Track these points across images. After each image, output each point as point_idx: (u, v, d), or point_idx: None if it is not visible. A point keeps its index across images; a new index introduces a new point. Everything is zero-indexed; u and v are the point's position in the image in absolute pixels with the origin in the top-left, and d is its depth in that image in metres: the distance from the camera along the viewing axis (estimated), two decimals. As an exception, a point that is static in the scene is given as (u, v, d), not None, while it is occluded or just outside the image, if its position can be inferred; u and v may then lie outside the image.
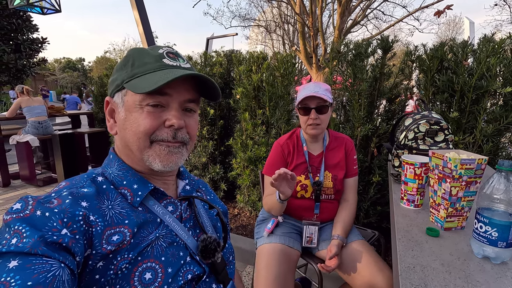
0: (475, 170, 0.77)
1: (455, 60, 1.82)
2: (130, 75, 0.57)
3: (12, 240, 0.41)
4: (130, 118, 0.57)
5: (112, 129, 0.62)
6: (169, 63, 0.58)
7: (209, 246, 0.61)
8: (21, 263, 0.38)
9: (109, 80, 0.62)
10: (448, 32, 23.78)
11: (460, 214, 0.82)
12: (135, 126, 0.56)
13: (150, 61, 0.57)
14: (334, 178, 1.34)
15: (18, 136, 3.93)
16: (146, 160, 0.58)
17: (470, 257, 0.70)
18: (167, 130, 0.57)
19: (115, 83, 0.59)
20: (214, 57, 3.01)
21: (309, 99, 1.26)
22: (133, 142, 0.57)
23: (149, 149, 0.57)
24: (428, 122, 1.29)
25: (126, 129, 0.58)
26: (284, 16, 13.86)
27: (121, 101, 0.59)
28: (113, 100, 0.61)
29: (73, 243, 0.44)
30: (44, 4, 4.19)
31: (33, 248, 0.40)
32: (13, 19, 10.39)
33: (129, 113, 0.57)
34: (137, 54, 0.59)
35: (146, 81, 0.54)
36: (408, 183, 1.00)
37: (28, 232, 0.41)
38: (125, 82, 0.57)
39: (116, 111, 0.60)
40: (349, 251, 1.22)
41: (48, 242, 0.42)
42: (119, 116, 0.59)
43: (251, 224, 2.55)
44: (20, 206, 0.45)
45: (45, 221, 0.44)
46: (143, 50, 0.59)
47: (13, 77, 11.09)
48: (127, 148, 0.60)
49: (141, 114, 0.56)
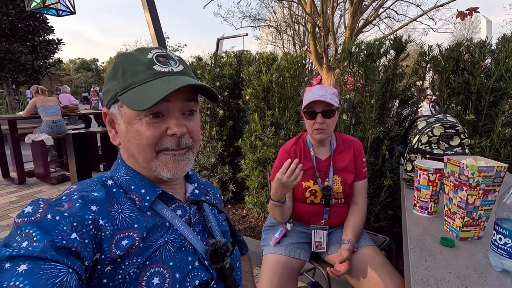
0: (493, 178, 0.73)
1: (471, 60, 1.75)
2: (123, 86, 0.54)
3: (23, 244, 0.41)
4: (131, 130, 0.55)
5: (114, 140, 0.61)
6: (161, 69, 0.55)
7: (219, 250, 0.61)
8: (30, 267, 0.39)
9: (103, 89, 0.60)
10: (464, 32, 23.15)
11: (477, 224, 0.78)
12: (138, 139, 0.55)
13: (141, 69, 0.54)
14: (344, 182, 1.31)
15: (33, 135, 4.04)
16: (154, 170, 0.57)
17: (488, 270, 0.66)
18: (170, 139, 0.56)
19: (109, 95, 0.57)
20: (224, 58, 3.01)
21: (315, 103, 1.23)
22: (138, 154, 0.57)
23: (156, 160, 0.57)
24: (443, 126, 1.24)
25: (130, 141, 0.57)
26: (295, 16, 13.78)
27: (118, 113, 0.57)
28: (110, 111, 0.59)
29: (82, 247, 0.45)
30: (59, 6, 4.29)
31: (42, 252, 0.40)
32: (30, 21, 10.70)
33: (129, 125, 0.56)
34: (126, 62, 0.56)
35: (141, 94, 0.52)
36: (421, 190, 0.96)
37: (39, 236, 0.42)
38: (119, 94, 0.55)
39: (116, 122, 0.59)
40: (359, 257, 1.19)
41: (57, 246, 0.42)
42: (120, 128, 0.58)
43: (259, 226, 2.54)
44: (31, 209, 0.46)
45: (55, 225, 0.44)
46: (131, 56, 0.56)
47: (29, 78, 11.41)
48: (132, 158, 0.59)
49: (142, 126, 0.54)
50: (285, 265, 1.22)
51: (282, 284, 1.17)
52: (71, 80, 35.93)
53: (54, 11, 4.38)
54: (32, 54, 10.95)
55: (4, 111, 9.65)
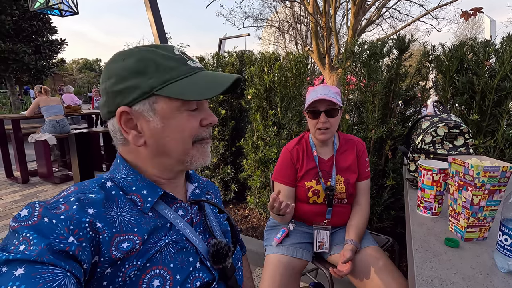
0: (499, 178, 0.72)
1: (476, 60, 1.74)
2: (161, 81, 0.52)
3: (20, 247, 0.41)
4: (171, 125, 0.55)
5: (137, 141, 0.55)
6: (194, 65, 0.57)
7: (221, 251, 0.60)
8: (27, 271, 0.38)
9: (113, 88, 0.54)
10: (467, 31, 22.98)
11: (482, 224, 0.77)
12: (179, 132, 0.56)
13: (176, 65, 0.54)
14: (347, 182, 1.30)
15: (36, 134, 4.06)
16: (187, 161, 0.59)
17: (493, 271, 0.65)
18: (204, 129, 0.59)
19: (136, 91, 0.52)
20: (226, 58, 3.01)
21: (318, 102, 1.23)
22: (175, 147, 0.56)
23: (192, 150, 0.58)
24: (447, 126, 1.23)
25: (167, 137, 0.55)
26: (297, 16, 13.76)
27: (150, 109, 0.54)
28: (133, 110, 0.54)
29: (79, 251, 0.44)
30: (62, 6, 4.32)
31: (39, 256, 0.40)
32: (34, 22, 10.77)
33: (167, 120, 0.54)
34: (155, 57, 0.53)
35: (192, 86, 0.53)
36: (425, 190, 0.95)
37: (36, 240, 0.41)
38: (156, 89, 0.52)
39: (143, 120, 0.54)
40: (362, 257, 1.19)
41: (55, 250, 0.42)
42: (151, 125, 0.54)
43: (261, 226, 2.54)
44: (27, 212, 0.45)
45: (52, 228, 0.44)
46: (157, 52, 0.54)
47: (33, 78, 11.49)
48: (160, 157, 0.57)
49: (183, 119, 0.56)
50: (288, 265, 1.22)
51: (284, 284, 1.17)
52: (74, 80, 36.08)
53: (57, 11, 4.40)
54: (35, 54, 11.03)
55: (8, 111, 9.71)
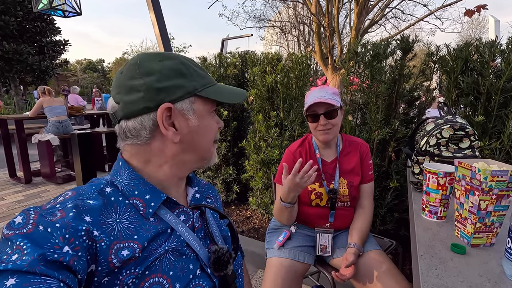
0: (507, 183, 0.70)
1: (481, 61, 1.71)
2: (202, 84, 0.59)
3: (12, 257, 0.40)
4: (204, 124, 0.61)
5: (174, 138, 0.57)
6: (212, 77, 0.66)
7: (222, 258, 0.59)
8: (19, 281, 0.37)
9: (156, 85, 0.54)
10: (472, 31, 22.81)
11: (489, 230, 0.75)
12: (208, 131, 0.62)
13: (206, 74, 0.62)
14: (350, 185, 1.28)
15: (39, 135, 4.08)
16: (207, 158, 0.65)
17: (502, 279, 0.63)
18: (217, 131, 0.66)
19: (180, 90, 0.56)
20: (228, 58, 3.00)
21: (316, 105, 1.22)
22: (204, 145, 0.62)
23: (212, 148, 0.65)
24: (452, 128, 1.21)
25: (200, 135, 0.60)
26: (300, 16, 13.73)
27: (190, 109, 0.58)
28: (177, 107, 0.56)
29: (74, 261, 0.43)
30: (65, 7, 4.33)
31: (30, 266, 0.39)
32: (38, 22, 10.83)
33: (202, 120, 0.60)
34: (192, 64, 0.61)
35: (225, 91, 0.63)
36: (430, 194, 0.93)
37: (29, 249, 0.40)
38: (198, 90, 0.58)
39: (182, 118, 0.57)
40: (365, 261, 1.17)
41: (48, 260, 0.40)
42: (190, 123, 0.58)
43: (263, 227, 2.52)
44: (21, 220, 0.44)
45: (47, 237, 0.42)
46: (193, 61, 0.62)
47: (37, 78, 11.55)
48: (187, 154, 0.61)
49: (211, 119, 0.63)
50: (289, 268, 1.20)
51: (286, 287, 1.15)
52: (78, 81, 36.28)
53: (60, 12, 4.42)
54: (39, 55, 11.09)
55: (12, 111, 9.78)
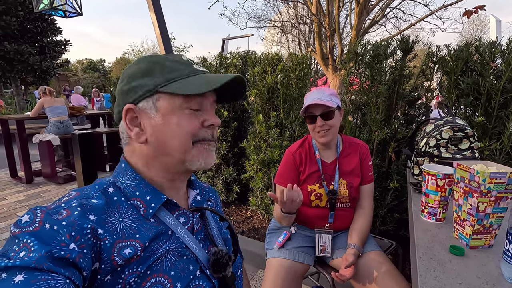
0: (506, 185, 0.70)
1: (481, 61, 1.71)
2: (165, 79, 0.56)
3: (20, 254, 0.41)
4: (170, 122, 0.56)
5: (139, 138, 0.58)
6: (199, 68, 0.60)
7: (221, 260, 0.59)
8: (27, 277, 0.38)
9: (123, 88, 0.58)
10: (472, 31, 22.73)
11: (488, 232, 0.76)
12: (178, 130, 0.57)
13: (182, 67, 0.58)
14: (350, 186, 1.28)
15: (40, 135, 4.09)
16: (189, 161, 0.59)
17: (500, 281, 0.63)
18: (206, 130, 0.60)
19: (141, 90, 0.56)
20: (229, 59, 3.00)
21: (313, 107, 1.23)
22: (175, 145, 0.57)
23: (192, 150, 0.58)
24: (452, 129, 1.21)
25: (166, 134, 0.57)
26: (300, 16, 13.72)
27: (153, 107, 0.56)
28: (137, 107, 0.57)
29: (80, 258, 0.44)
30: (66, 7, 4.35)
31: (38, 263, 0.40)
32: (39, 23, 10.86)
33: (168, 117, 0.56)
34: (163, 61, 0.58)
35: (192, 83, 0.56)
36: (429, 195, 0.94)
37: (36, 246, 0.41)
38: (160, 86, 0.55)
39: (146, 117, 0.57)
40: (365, 262, 1.17)
41: (55, 257, 0.42)
42: (153, 122, 0.56)
43: (264, 228, 2.52)
44: (28, 218, 0.45)
45: (53, 235, 0.44)
46: (166, 57, 0.59)
47: (38, 78, 11.58)
48: (161, 155, 0.58)
49: (183, 116, 0.57)
50: (289, 269, 1.21)
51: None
52: (79, 81, 36.35)
53: (61, 12, 4.44)
54: (40, 55, 11.12)
55: (13, 111, 9.80)
